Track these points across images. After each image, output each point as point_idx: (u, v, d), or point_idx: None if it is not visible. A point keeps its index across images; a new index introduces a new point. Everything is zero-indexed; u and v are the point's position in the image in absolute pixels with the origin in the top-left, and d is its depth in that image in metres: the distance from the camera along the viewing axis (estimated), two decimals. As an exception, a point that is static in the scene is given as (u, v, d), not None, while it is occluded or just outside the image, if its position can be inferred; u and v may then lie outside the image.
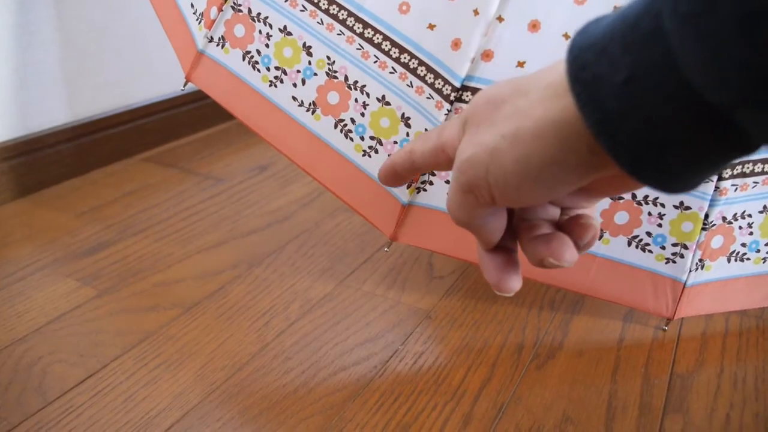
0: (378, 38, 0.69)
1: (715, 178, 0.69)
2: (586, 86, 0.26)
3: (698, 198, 0.70)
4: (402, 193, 0.73)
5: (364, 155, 0.73)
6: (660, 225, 0.72)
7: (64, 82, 1.20)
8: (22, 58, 1.12)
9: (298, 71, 0.72)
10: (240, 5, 0.73)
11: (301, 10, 0.71)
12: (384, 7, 0.68)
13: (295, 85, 0.73)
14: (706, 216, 0.70)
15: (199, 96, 1.45)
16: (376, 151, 0.72)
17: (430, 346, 0.76)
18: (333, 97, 0.72)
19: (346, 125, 0.72)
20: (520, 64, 0.66)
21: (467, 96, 0.68)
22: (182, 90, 0.78)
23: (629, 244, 0.73)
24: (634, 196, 0.71)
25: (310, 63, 0.72)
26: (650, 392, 0.70)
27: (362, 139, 0.72)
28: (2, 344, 0.75)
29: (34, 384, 0.69)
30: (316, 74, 0.72)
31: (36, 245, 0.97)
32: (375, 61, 0.70)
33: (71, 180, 1.20)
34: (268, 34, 0.72)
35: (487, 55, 0.66)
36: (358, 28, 0.69)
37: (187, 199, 1.14)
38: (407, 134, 0.71)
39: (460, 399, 0.68)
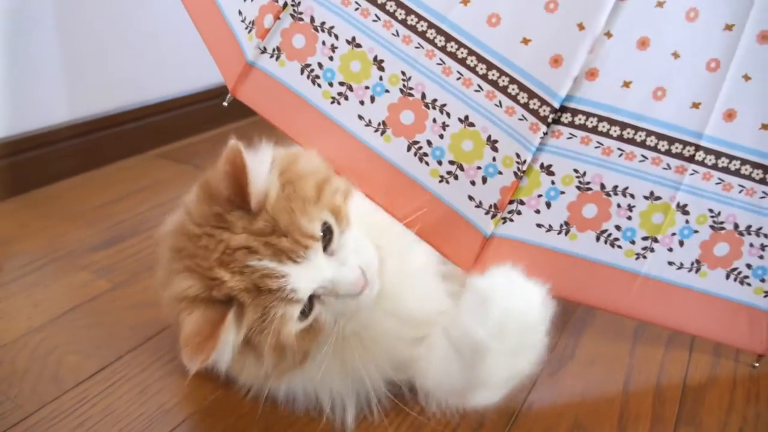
0: (462, 53, 0.63)
1: None
2: None
3: None
4: (485, 223, 0.66)
5: (441, 181, 0.66)
6: (762, 257, 0.69)
7: (79, 78, 1.20)
8: (34, 53, 1.12)
9: (367, 87, 0.66)
10: (301, 13, 0.67)
11: (374, 20, 0.65)
12: (470, 18, 0.63)
13: (362, 102, 0.66)
14: None
15: (213, 94, 1.46)
16: (456, 177, 0.66)
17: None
18: (407, 117, 0.66)
19: (421, 148, 0.66)
20: (626, 84, 0.62)
21: (566, 118, 0.62)
22: (224, 104, 0.69)
23: (728, 277, 0.70)
24: (736, 226, 0.67)
25: (381, 78, 0.65)
26: (662, 404, 0.70)
27: (440, 163, 0.66)
28: (20, 332, 0.75)
29: (50, 373, 0.69)
30: (388, 91, 0.66)
31: (51, 237, 0.98)
32: (458, 78, 0.64)
33: (86, 174, 1.21)
34: (333, 45, 0.66)
35: (591, 74, 0.61)
36: (440, 41, 0.64)
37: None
38: (493, 159, 0.65)
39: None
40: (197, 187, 0.63)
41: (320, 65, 0.67)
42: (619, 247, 0.68)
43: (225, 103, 0.69)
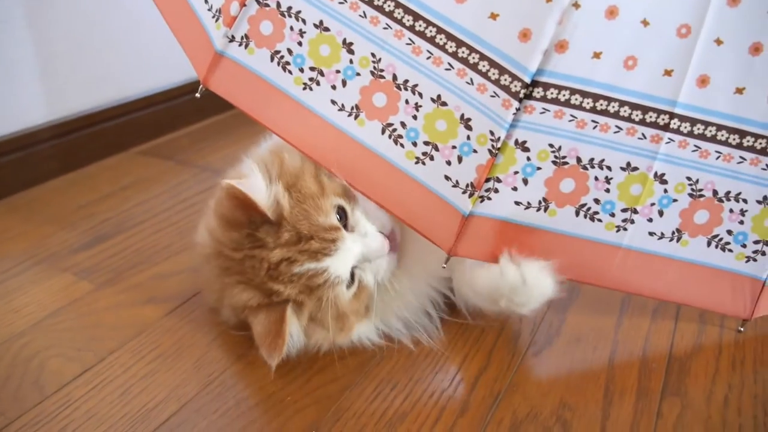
0: (431, 31, 0.62)
1: None
2: None
3: None
4: (462, 202, 0.66)
5: (417, 162, 0.66)
6: (742, 222, 0.69)
7: (55, 78, 1.19)
8: (6, 54, 1.11)
9: (338, 71, 0.65)
10: None
11: (340, 3, 0.63)
12: None
13: (334, 87, 0.65)
14: None
15: (193, 88, 1.44)
16: (432, 158, 0.65)
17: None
18: (379, 99, 0.65)
19: (395, 130, 0.65)
20: (596, 55, 0.61)
21: (538, 92, 0.61)
22: (197, 96, 0.68)
23: (709, 244, 0.70)
24: (715, 193, 0.67)
25: (351, 62, 0.64)
26: (648, 376, 0.69)
27: (414, 144, 0.65)
28: (0, 339, 0.75)
29: (32, 378, 0.69)
30: (359, 74, 0.65)
31: (33, 240, 0.97)
32: (428, 57, 0.63)
33: (67, 175, 1.20)
34: (301, 30, 0.65)
35: (561, 46, 0.60)
36: (408, 20, 0.62)
37: (184, 191, 1.14)
38: (468, 137, 0.64)
39: (456, 387, 0.68)
40: (215, 217, 0.70)
41: (290, 51, 0.65)
42: (599, 220, 0.68)
43: (197, 95, 0.68)
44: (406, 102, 0.65)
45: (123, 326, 0.77)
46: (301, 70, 0.65)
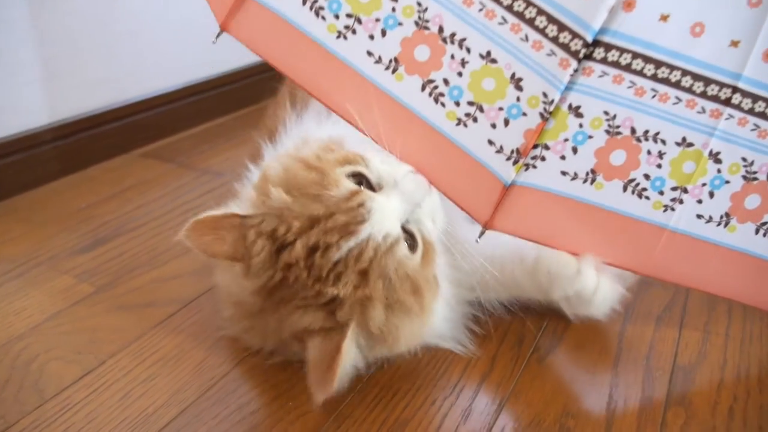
0: None
1: None
2: None
3: None
4: (505, 170, 0.61)
5: (458, 124, 0.61)
6: None
7: (57, 80, 1.18)
8: (8, 57, 1.10)
9: (377, 20, 0.59)
10: None
11: None
12: None
13: (372, 36, 0.59)
14: None
15: (196, 90, 1.44)
16: (475, 120, 0.60)
17: (429, 340, 0.75)
18: (422, 53, 0.60)
19: (437, 87, 0.60)
20: (664, 18, 0.57)
21: (599, 53, 0.57)
22: (213, 42, 0.61)
23: (757, 231, 0.66)
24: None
25: (394, 10, 0.59)
26: (652, 385, 0.69)
27: (457, 104, 0.60)
28: (0, 342, 0.74)
29: (31, 382, 0.68)
30: (401, 24, 0.59)
31: (33, 242, 0.96)
32: (480, 9, 0.58)
33: (68, 177, 1.19)
34: None
35: (628, 4, 0.56)
36: None
37: (185, 194, 1.13)
38: (518, 99, 0.59)
39: (459, 394, 0.68)
40: (230, 267, 0.66)
41: None
42: (647, 198, 0.64)
43: (213, 41, 0.61)
44: (452, 57, 0.60)
45: (123, 329, 0.77)
46: (336, 17, 0.59)
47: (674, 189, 0.64)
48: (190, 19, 1.28)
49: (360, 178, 0.62)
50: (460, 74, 0.60)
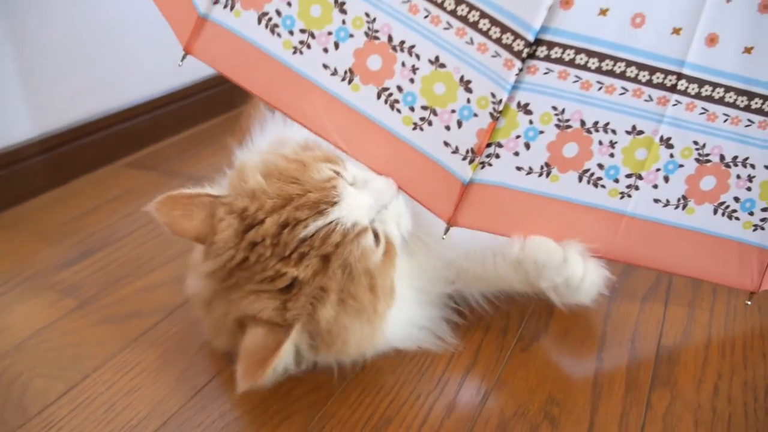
0: None
1: None
2: None
3: None
4: (462, 169, 0.63)
5: (414, 128, 0.63)
6: (749, 189, 0.66)
7: (37, 92, 1.18)
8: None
9: (330, 33, 0.61)
10: None
11: None
12: None
13: (326, 50, 0.62)
14: None
15: (178, 97, 1.43)
16: (430, 123, 0.62)
17: (413, 335, 0.75)
18: (374, 62, 0.62)
19: (391, 95, 0.62)
20: (603, 12, 0.58)
21: (542, 52, 0.59)
22: (179, 65, 0.64)
23: (715, 212, 0.67)
24: (722, 158, 0.64)
25: (344, 22, 0.61)
26: (637, 367, 0.68)
27: (412, 109, 0.62)
28: (-17, 362, 0.75)
29: (15, 400, 0.68)
30: (352, 35, 0.61)
31: (17, 259, 0.96)
32: (425, 16, 0.60)
33: (52, 191, 1.19)
34: None
35: (566, 2, 0.57)
36: None
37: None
38: (468, 100, 0.61)
39: (444, 387, 0.67)
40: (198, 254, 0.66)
41: (278, 12, 0.62)
42: (603, 186, 0.65)
43: (179, 63, 0.64)
44: (403, 64, 0.62)
45: (107, 342, 0.77)
46: (291, 33, 0.62)
47: (629, 176, 0.65)
48: (168, 26, 1.27)
49: (336, 174, 0.63)
50: (411, 81, 0.63)
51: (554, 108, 0.62)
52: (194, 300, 0.68)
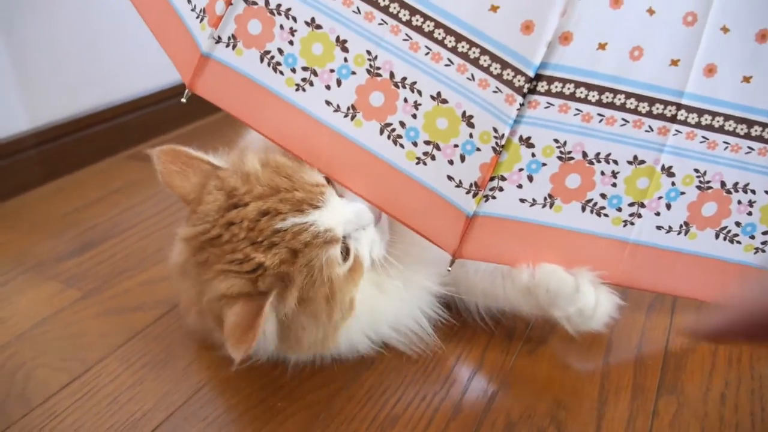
0: (429, 26, 0.60)
1: None
2: None
3: None
4: (466, 203, 0.64)
5: (418, 163, 0.64)
6: (750, 213, 0.68)
7: (37, 84, 1.17)
8: (-3, 58, 1.09)
9: (332, 71, 0.62)
10: None
11: None
12: None
13: (328, 87, 0.63)
14: None
15: (180, 90, 1.42)
16: (433, 158, 0.63)
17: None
18: (377, 99, 0.63)
19: (394, 130, 0.63)
20: (602, 46, 0.59)
21: (542, 86, 0.60)
22: (183, 101, 0.65)
23: (717, 236, 0.69)
24: (723, 185, 0.66)
25: (346, 60, 0.62)
26: (643, 374, 0.68)
27: (415, 144, 0.63)
28: (-15, 352, 0.74)
29: (17, 391, 0.68)
30: (354, 73, 0.62)
31: (19, 249, 0.96)
32: (426, 53, 0.61)
33: (55, 181, 1.18)
34: (291, 28, 0.62)
35: (565, 38, 0.58)
36: (404, 15, 0.60)
37: (173, 195, 1.11)
38: (470, 135, 0.62)
39: (450, 388, 0.67)
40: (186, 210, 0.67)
41: (280, 51, 0.62)
42: (606, 215, 0.66)
43: (183, 99, 0.65)
44: (405, 100, 0.62)
45: (111, 334, 0.76)
46: (293, 71, 0.63)
47: (631, 205, 0.66)
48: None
49: (328, 182, 0.65)
50: (414, 116, 0.62)
51: (556, 141, 0.63)
52: (172, 268, 0.69)
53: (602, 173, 0.64)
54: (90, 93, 1.27)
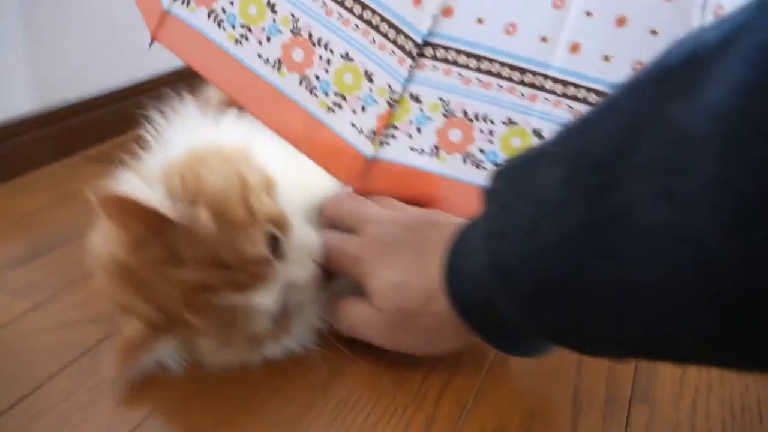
0: None
1: None
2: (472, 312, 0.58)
3: None
4: (365, 145, 0.75)
5: (328, 111, 0.74)
6: None
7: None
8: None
9: (263, 29, 0.73)
10: None
11: None
12: None
13: (260, 42, 0.73)
14: None
15: (138, 91, 1.37)
16: (340, 107, 0.74)
17: (389, 345, 0.73)
18: (298, 54, 0.73)
19: (310, 81, 0.74)
20: (479, 21, 0.70)
21: (429, 52, 0.71)
22: (148, 50, 0.74)
23: None
24: None
25: (274, 21, 0.73)
26: (615, 383, 0.68)
27: (326, 95, 0.74)
28: None
29: (-41, 411, 0.63)
30: (280, 31, 0.73)
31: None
32: (338, 18, 0.72)
33: (7, 183, 1.12)
34: None
35: (447, 12, 0.70)
36: None
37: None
38: (370, 89, 0.74)
39: (421, 401, 0.65)
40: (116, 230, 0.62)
41: (223, 10, 0.73)
42: (484, 168, 0.77)
43: (148, 48, 0.74)
44: (320, 57, 0.73)
45: (63, 348, 0.71)
46: (233, 27, 0.73)
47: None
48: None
49: (272, 239, 0.62)
50: (326, 71, 0.74)
51: (441, 99, 0.73)
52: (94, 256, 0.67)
53: (480, 131, 0.74)
54: (45, 92, 1.20)
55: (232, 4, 0.73)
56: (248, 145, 0.71)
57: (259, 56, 0.74)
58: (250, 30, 0.73)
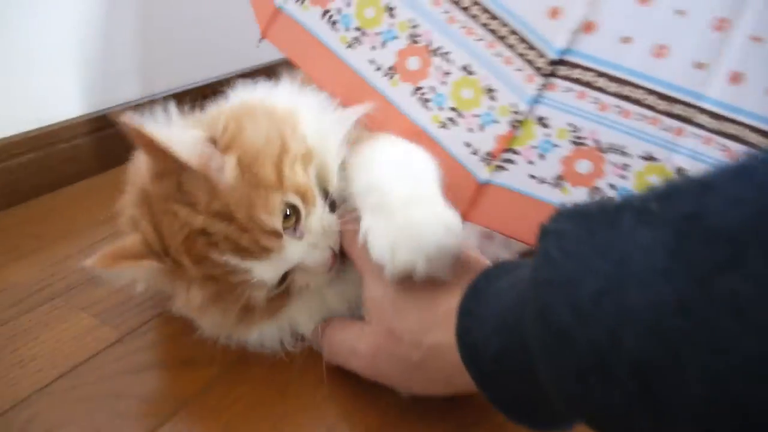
0: (465, 2, 0.67)
1: None
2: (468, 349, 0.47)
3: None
4: (479, 169, 0.68)
5: (441, 126, 0.69)
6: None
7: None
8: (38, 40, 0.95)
9: (378, 33, 0.70)
10: None
11: None
12: None
13: (374, 47, 0.70)
14: None
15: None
16: (455, 123, 0.69)
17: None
18: (413, 63, 0.69)
19: (424, 93, 0.69)
20: (625, 40, 0.62)
21: (562, 70, 0.64)
22: (257, 47, 0.73)
23: None
24: None
25: (392, 25, 0.69)
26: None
27: (441, 109, 0.69)
28: (0, 408, 0.59)
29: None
30: (397, 37, 0.69)
31: (45, 264, 0.81)
32: (462, 27, 0.67)
33: (92, 178, 1.04)
34: None
35: (588, 27, 0.62)
36: None
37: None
38: (491, 108, 0.67)
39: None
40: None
41: (338, 11, 0.71)
42: None
43: (257, 45, 0.73)
44: (437, 68, 0.68)
45: (159, 396, 0.61)
46: (347, 29, 0.70)
47: None
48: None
49: (294, 211, 0.59)
50: (443, 83, 0.68)
51: (570, 125, 0.65)
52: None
53: (613, 164, 0.65)
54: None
55: (348, 5, 0.70)
56: (300, 113, 0.64)
57: (371, 62, 0.70)
58: (364, 33, 0.70)
